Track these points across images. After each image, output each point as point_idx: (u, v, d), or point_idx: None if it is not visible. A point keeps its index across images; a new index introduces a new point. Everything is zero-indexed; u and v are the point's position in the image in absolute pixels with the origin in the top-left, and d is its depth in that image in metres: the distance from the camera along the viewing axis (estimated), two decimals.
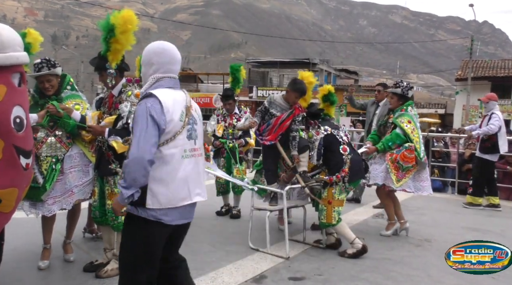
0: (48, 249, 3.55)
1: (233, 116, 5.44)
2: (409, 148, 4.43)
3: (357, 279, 3.46)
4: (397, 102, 4.64)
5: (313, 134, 4.06)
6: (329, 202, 3.95)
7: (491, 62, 30.30)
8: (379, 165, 4.55)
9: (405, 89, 4.61)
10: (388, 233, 4.70)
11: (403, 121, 4.50)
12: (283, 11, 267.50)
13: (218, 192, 5.52)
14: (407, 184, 4.48)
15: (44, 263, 3.47)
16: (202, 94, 32.68)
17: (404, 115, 4.55)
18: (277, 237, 4.34)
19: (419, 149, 4.47)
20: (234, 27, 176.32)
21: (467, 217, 5.94)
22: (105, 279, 3.24)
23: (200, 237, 4.43)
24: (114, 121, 3.14)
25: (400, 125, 4.48)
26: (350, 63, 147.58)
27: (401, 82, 4.76)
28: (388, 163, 4.45)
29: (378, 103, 6.00)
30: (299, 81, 4.28)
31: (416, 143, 4.46)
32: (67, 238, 3.69)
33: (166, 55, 2.29)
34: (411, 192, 4.60)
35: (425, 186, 4.58)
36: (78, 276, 3.33)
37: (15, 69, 2.04)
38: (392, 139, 4.48)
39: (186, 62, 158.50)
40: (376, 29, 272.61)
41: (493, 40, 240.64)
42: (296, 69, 33.18)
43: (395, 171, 4.43)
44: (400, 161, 4.42)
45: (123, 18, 2.99)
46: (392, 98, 4.69)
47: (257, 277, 3.42)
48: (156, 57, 2.27)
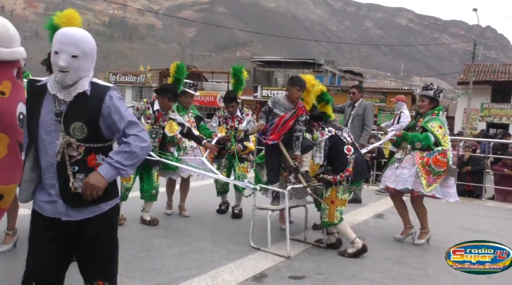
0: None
1: (235, 118, 5.36)
2: (442, 152, 4.24)
3: (357, 278, 3.51)
4: (428, 105, 4.47)
5: (318, 136, 4.10)
6: (332, 202, 4.00)
7: (492, 66, 30.34)
8: (407, 169, 4.34)
9: (437, 92, 4.47)
10: (422, 242, 4.51)
11: (434, 126, 4.33)
12: (289, 10, 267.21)
13: (218, 192, 5.56)
14: (436, 189, 4.28)
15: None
16: (206, 92, 32.72)
17: (435, 119, 4.38)
18: (278, 236, 4.39)
19: (449, 155, 4.32)
20: (240, 26, 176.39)
21: (465, 218, 6.01)
22: None
23: (201, 235, 4.48)
24: None
25: (431, 130, 4.30)
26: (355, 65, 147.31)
27: (432, 84, 4.58)
28: (419, 167, 4.24)
29: (354, 104, 6.49)
30: (296, 76, 4.31)
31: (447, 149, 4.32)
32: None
33: None
34: (439, 198, 4.36)
35: (452, 192, 4.39)
36: None
37: (16, 64, 2.08)
38: (421, 138, 4.29)
39: (190, 59, 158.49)
40: (382, 31, 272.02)
41: (495, 45, 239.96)
42: (301, 69, 33.22)
43: (425, 176, 4.23)
44: (432, 165, 4.21)
45: (66, 17, 3.13)
46: (423, 101, 4.50)
47: (258, 275, 3.46)
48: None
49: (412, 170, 4.31)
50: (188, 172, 4.93)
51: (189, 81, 5.20)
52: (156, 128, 4.65)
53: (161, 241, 4.24)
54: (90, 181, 1.97)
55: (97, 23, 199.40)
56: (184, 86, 5.11)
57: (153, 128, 4.63)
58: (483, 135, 14.82)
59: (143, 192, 4.79)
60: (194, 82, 5.25)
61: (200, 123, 5.33)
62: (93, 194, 1.98)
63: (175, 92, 4.71)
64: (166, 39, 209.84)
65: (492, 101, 27.20)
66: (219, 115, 5.45)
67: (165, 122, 4.65)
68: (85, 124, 2.00)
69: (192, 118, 5.20)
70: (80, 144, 2.01)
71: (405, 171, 4.35)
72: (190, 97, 5.14)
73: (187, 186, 5.34)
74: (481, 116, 27.40)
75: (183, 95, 5.10)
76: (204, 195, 6.45)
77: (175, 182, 5.33)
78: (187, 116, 5.14)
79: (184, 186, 5.33)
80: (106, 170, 1.99)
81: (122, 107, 2.06)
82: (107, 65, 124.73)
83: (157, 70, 38.03)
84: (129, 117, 2.06)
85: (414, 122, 4.67)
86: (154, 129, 4.64)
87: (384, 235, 4.81)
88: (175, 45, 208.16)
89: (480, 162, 7.72)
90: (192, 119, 5.20)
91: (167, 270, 3.46)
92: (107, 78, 36.65)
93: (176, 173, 5.02)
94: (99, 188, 1.98)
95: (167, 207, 5.38)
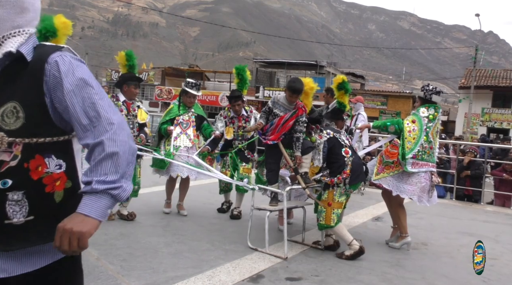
0: None
1: (241, 117, 5.33)
2: (394, 144, 4.39)
3: (353, 281, 3.50)
4: (418, 105, 4.58)
5: (316, 138, 4.10)
6: (328, 204, 4.00)
7: (493, 71, 30.38)
8: (375, 160, 4.63)
9: (427, 93, 4.48)
10: (397, 246, 4.47)
11: (408, 118, 4.46)
12: (293, 12, 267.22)
13: (221, 190, 5.58)
14: (386, 180, 4.31)
15: None
16: (208, 92, 32.76)
17: (413, 114, 4.51)
18: (276, 237, 4.39)
19: (409, 149, 4.20)
20: (243, 26, 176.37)
21: (463, 222, 6.01)
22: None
23: (199, 235, 4.48)
24: None
25: (403, 121, 4.43)
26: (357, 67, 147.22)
27: (428, 85, 4.63)
28: (378, 156, 4.51)
29: (328, 106, 6.57)
30: (292, 80, 4.29)
31: (408, 143, 4.23)
32: None
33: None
34: (389, 189, 4.32)
35: (409, 189, 4.27)
36: None
37: None
38: (394, 122, 4.41)
39: (193, 58, 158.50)
40: (384, 34, 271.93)
41: (497, 50, 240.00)
42: (303, 70, 33.27)
43: (378, 164, 4.42)
44: (383, 155, 4.42)
45: (65, 23, 3.57)
46: (417, 102, 4.66)
47: (254, 276, 3.45)
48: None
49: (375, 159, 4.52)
50: (177, 171, 4.95)
51: (191, 81, 5.21)
52: (131, 118, 4.75)
53: (159, 239, 4.24)
54: (65, 225, 1.21)
55: (101, 20, 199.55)
56: (186, 85, 5.13)
57: (128, 119, 4.72)
58: (481, 140, 14.79)
59: None
60: (196, 82, 5.23)
61: (202, 123, 5.30)
62: (74, 247, 1.21)
63: (138, 78, 4.85)
64: (170, 38, 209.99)
65: (493, 106, 27.23)
66: (224, 115, 5.39)
67: (136, 111, 4.79)
68: (21, 105, 1.26)
69: (192, 117, 5.20)
70: (15, 139, 1.25)
71: (373, 161, 4.59)
72: (192, 97, 5.14)
73: (186, 185, 5.34)
74: (482, 121, 27.41)
75: (184, 95, 5.13)
76: (204, 195, 6.46)
77: (175, 181, 5.33)
78: (187, 115, 5.15)
79: (183, 185, 5.34)
80: (87, 204, 1.24)
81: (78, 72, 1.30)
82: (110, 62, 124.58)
83: (160, 68, 38.06)
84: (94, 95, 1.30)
85: None
86: (129, 119, 4.74)
87: (382, 238, 4.80)
88: (178, 44, 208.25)
89: (480, 166, 7.72)
90: (192, 118, 5.20)
91: (163, 269, 3.45)
92: (109, 75, 36.70)
93: (167, 172, 5.02)
94: (82, 236, 1.21)
95: (165, 206, 5.39)
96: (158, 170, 5.10)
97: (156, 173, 5.20)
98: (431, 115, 4.37)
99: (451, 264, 4.12)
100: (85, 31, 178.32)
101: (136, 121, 4.83)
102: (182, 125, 5.08)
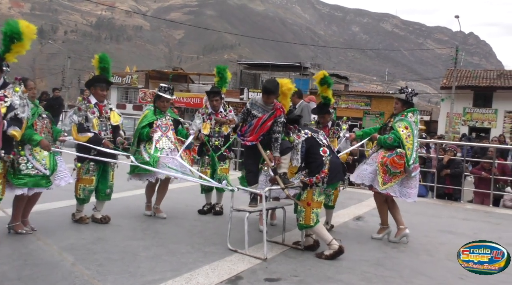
0: None
1: (219, 114, 5.44)
2: (400, 154, 4.45)
3: (332, 281, 3.51)
4: (401, 108, 4.68)
5: (294, 138, 4.11)
6: (308, 204, 4.00)
7: (474, 72, 31.01)
8: (369, 166, 4.63)
9: (409, 95, 4.65)
10: (379, 237, 4.77)
11: (400, 126, 4.55)
12: (278, 14, 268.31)
13: (202, 189, 5.56)
14: (392, 188, 4.51)
15: None
16: (193, 94, 32.64)
17: (403, 120, 4.59)
18: (257, 239, 4.37)
19: (410, 156, 4.45)
20: (228, 28, 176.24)
21: (443, 221, 6.08)
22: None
23: (179, 237, 4.44)
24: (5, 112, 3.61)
25: (397, 130, 4.53)
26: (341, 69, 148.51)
27: (406, 88, 4.78)
28: (378, 166, 4.52)
29: (295, 106, 6.67)
30: (267, 81, 4.37)
31: (408, 150, 4.45)
32: None
33: None
34: (396, 197, 4.61)
35: (411, 193, 4.58)
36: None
37: None
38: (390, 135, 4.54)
39: (178, 61, 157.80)
40: (368, 36, 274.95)
41: (478, 51, 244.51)
42: (287, 72, 33.39)
43: (382, 174, 4.49)
44: (389, 165, 4.46)
45: (29, 28, 3.69)
46: (396, 104, 4.74)
47: (233, 278, 3.43)
48: None
49: (373, 167, 4.57)
50: (165, 173, 4.90)
51: (164, 85, 5.20)
52: (104, 120, 4.74)
53: (138, 243, 4.19)
54: None
55: (84, 23, 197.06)
56: (159, 90, 5.12)
57: (101, 121, 4.71)
58: (463, 138, 15.06)
59: (97, 191, 4.79)
60: (169, 86, 5.20)
61: (178, 127, 5.29)
62: None
63: (107, 81, 4.84)
64: (154, 41, 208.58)
65: (474, 105, 27.73)
66: (202, 112, 5.48)
67: (108, 113, 4.79)
68: None
69: (170, 121, 5.17)
70: None
71: (368, 167, 4.64)
72: (165, 101, 5.12)
73: (164, 188, 5.29)
74: (463, 120, 27.90)
75: (158, 100, 5.11)
76: (184, 197, 6.41)
77: (155, 184, 5.28)
78: (164, 119, 5.11)
79: (161, 188, 5.28)
80: None
81: None
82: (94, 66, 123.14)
83: (143, 72, 37.77)
84: None
85: (386, 122, 4.88)
86: (102, 122, 4.72)
87: (363, 238, 4.84)
88: (162, 47, 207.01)
89: (459, 165, 7.84)
90: (170, 122, 5.16)
91: (141, 273, 3.41)
92: None
93: (153, 175, 4.96)
94: None
95: (146, 208, 5.34)
96: (140, 174, 5.00)
97: (137, 179, 5.10)
98: (416, 120, 4.62)
99: (430, 262, 4.16)
100: (68, 35, 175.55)
101: (109, 123, 4.78)
102: (161, 128, 5.04)
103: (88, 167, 4.64)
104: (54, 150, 4.27)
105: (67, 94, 36.78)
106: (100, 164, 4.69)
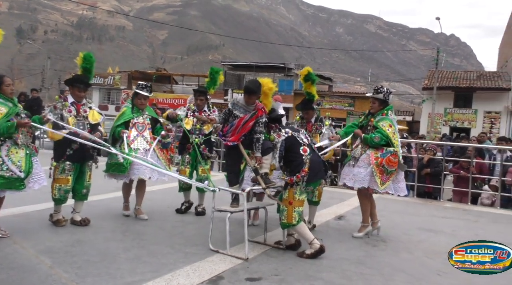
0: None
1: (202, 113, 5.49)
2: (394, 153, 4.59)
3: (313, 279, 3.53)
4: (378, 107, 4.80)
5: (274, 137, 4.12)
6: (290, 203, 4.02)
7: (455, 73, 31.63)
8: (363, 169, 4.65)
9: (386, 95, 4.77)
10: (360, 235, 4.83)
11: (385, 125, 4.66)
12: (262, 15, 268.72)
13: (180, 188, 5.54)
14: (389, 186, 4.64)
15: None
16: (177, 95, 32.45)
17: (385, 119, 4.71)
18: (238, 239, 4.35)
19: (399, 152, 4.66)
20: (212, 29, 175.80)
21: (422, 219, 6.18)
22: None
23: (159, 238, 4.41)
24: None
25: (382, 129, 4.63)
26: (326, 69, 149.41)
27: (382, 87, 4.89)
28: (374, 167, 4.58)
29: None
30: (248, 81, 4.41)
31: (397, 147, 4.65)
32: None
33: None
34: (392, 193, 4.74)
35: (402, 187, 4.76)
36: None
37: None
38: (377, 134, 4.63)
39: (162, 62, 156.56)
40: (352, 37, 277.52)
41: (459, 52, 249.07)
42: (272, 73, 33.47)
43: (380, 175, 4.58)
44: (385, 165, 4.56)
45: None
46: (373, 103, 4.83)
47: (214, 278, 3.43)
48: None
49: (368, 169, 4.62)
50: (139, 174, 4.86)
51: (141, 83, 5.20)
52: (81, 119, 4.69)
53: (118, 245, 4.15)
54: None
55: (65, 23, 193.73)
56: (137, 87, 5.11)
57: (77, 120, 4.66)
58: (444, 138, 15.33)
59: (74, 191, 4.73)
60: (146, 83, 5.21)
61: (156, 126, 5.24)
62: None
63: (85, 81, 4.79)
64: (137, 41, 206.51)
65: (454, 106, 28.25)
66: (187, 108, 5.55)
67: (87, 112, 4.73)
68: None
69: (147, 120, 5.13)
70: None
71: (361, 170, 4.65)
72: (143, 99, 5.10)
73: (142, 189, 5.25)
74: (444, 121, 28.39)
75: (136, 97, 5.08)
76: (165, 197, 6.37)
77: (131, 184, 5.24)
78: (141, 118, 5.07)
79: (139, 189, 5.24)
80: None
81: None
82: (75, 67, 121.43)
83: (126, 72, 37.37)
84: None
85: (366, 121, 4.93)
86: (79, 120, 4.67)
87: (344, 236, 4.88)
88: (146, 47, 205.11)
89: (439, 164, 7.97)
90: (147, 121, 5.13)
91: (120, 275, 3.38)
92: None
93: (127, 176, 4.91)
94: None
95: (124, 208, 5.31)
96: (115, 174, 4.96)
97: (111, 178, 5.06)
98: (394, 117, 4.81)
99: (409, 260, 4.22)
100: (48, 35, 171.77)
101: (87, 122, 4.72)
102: (138, 127, 5.01)
103: (64, 166, 4.56)
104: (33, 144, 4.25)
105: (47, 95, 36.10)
106: (77, 164, 4.63)
